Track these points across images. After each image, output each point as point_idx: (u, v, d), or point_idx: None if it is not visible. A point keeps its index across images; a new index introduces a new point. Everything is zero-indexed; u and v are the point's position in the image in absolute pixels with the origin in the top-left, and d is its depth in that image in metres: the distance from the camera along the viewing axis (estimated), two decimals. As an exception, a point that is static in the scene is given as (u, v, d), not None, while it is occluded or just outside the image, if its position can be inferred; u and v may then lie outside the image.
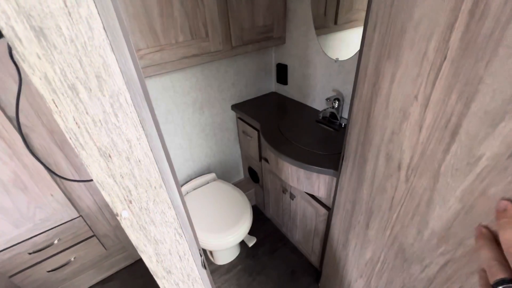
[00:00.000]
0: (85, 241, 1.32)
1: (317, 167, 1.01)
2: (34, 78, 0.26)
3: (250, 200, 1.88)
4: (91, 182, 1.18)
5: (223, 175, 1.80)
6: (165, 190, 0.43)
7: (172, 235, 0.49)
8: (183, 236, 0.51)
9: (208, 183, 1.53)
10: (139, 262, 1.59)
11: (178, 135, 1.43)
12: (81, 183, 1.17)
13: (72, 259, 1.31)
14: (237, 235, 1.22)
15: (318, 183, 1.07)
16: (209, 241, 1.19)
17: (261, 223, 1.79)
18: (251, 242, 1.52)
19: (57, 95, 0.27)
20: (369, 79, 0.63)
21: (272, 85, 1.70)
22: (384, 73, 0.58)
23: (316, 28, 1.23)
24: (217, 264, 1.54)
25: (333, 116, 1.27)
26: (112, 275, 1.53)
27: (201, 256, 0.70)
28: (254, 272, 1.50)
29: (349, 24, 1.14)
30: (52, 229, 1.18)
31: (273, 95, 1.68)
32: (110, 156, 0.34)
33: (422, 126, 0.53)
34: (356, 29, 1.11)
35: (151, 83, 1.23)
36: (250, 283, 1.44)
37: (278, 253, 1.59)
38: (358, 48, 1.10)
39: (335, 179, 1.01)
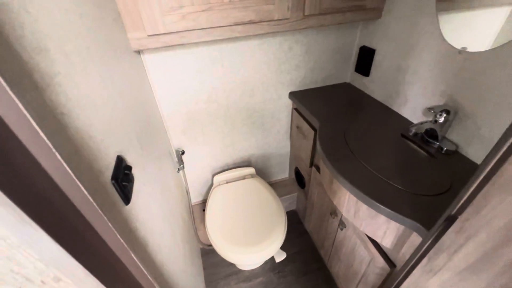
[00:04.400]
0: None
1: (389, 210, 0.68)
2: None
3: (290, 204, 1.62)
4: None
5: (265, 170, 1.57)
6: None
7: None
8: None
9: (244, 178, 1.33)
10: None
11: (220, 117, 1.23)
12: None
13: None
14: (263, 254, 1.00)
15: (385, 229, 0.74)
16: (227, 253, 1.00)
17: (297, 234, 1.53)
18: (280, 258, 1.29)
19: None
20: None
21: (348, 74, 1.32)
22: None
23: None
24: (237, 267, 1.38)
25: (431, 134, 0.86)
26: None
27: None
28: (275, 291, 1.28)
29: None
30: None
31: (346, 87, 1.31)
32: None
33: None
34: (496, 10, 0.67)
35: (196, 52, 1.02)
36: (268, 303, 1.24)
37: (309, 277, 1.33)
38: (497, 36, 0.66)
39: (414, 233, 0.67)
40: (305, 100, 1.20)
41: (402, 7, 0.93)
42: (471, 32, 0.75)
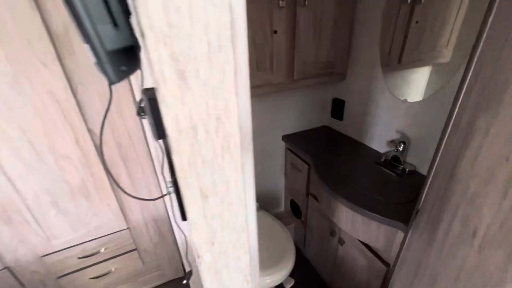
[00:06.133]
0: (127, 254, 1.34)
1: (380, 216, 0.91)
2: (166, 118, 0.26)
3: (288, 235, 1.77)
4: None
5: (264, 205, 1.75)
6: (246, 234, 0.40)
7: (240, 282, 0.45)
8: (250, 283, 0.46)
9: (250, 212, 1.49)
10: (172, 283, 1.57)
11: (227, 160, 1.44)
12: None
13: (113, 269, 1.34)
14: (277, 277, 1.13)
15: (377, 233, 0.96)
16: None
17: (299, 263, 1.65)
18: (289, 285, 1.40)
19: (181, 135, 0.27)
20: (461, 130, 0.56)
21: (326, 119, 1.66)
22: (478, 126, 0.52)
23: (381, 66, 1.19)
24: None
25: (395, 159, 1.16)
26: (144, 292, 1.52)
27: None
28: (288, 319, 1.36)
29: (413, 63, 1.08)
30: (103, 237, 1.23)
31: (326, 129, 1.63)
32: (207, 197, 0.32)
33: (507, 193, 0.49)
34: (421, 70, 1.05)
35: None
36: (284, 332, 1.30)
37: (316, 302, 1.43)
38: (425, 89, 1.02)
39: (398, 232, 0.90)
40: (296, 141, 1.48)
41: (359, 71, 1.32)
42: (408, 87, 1.11)
